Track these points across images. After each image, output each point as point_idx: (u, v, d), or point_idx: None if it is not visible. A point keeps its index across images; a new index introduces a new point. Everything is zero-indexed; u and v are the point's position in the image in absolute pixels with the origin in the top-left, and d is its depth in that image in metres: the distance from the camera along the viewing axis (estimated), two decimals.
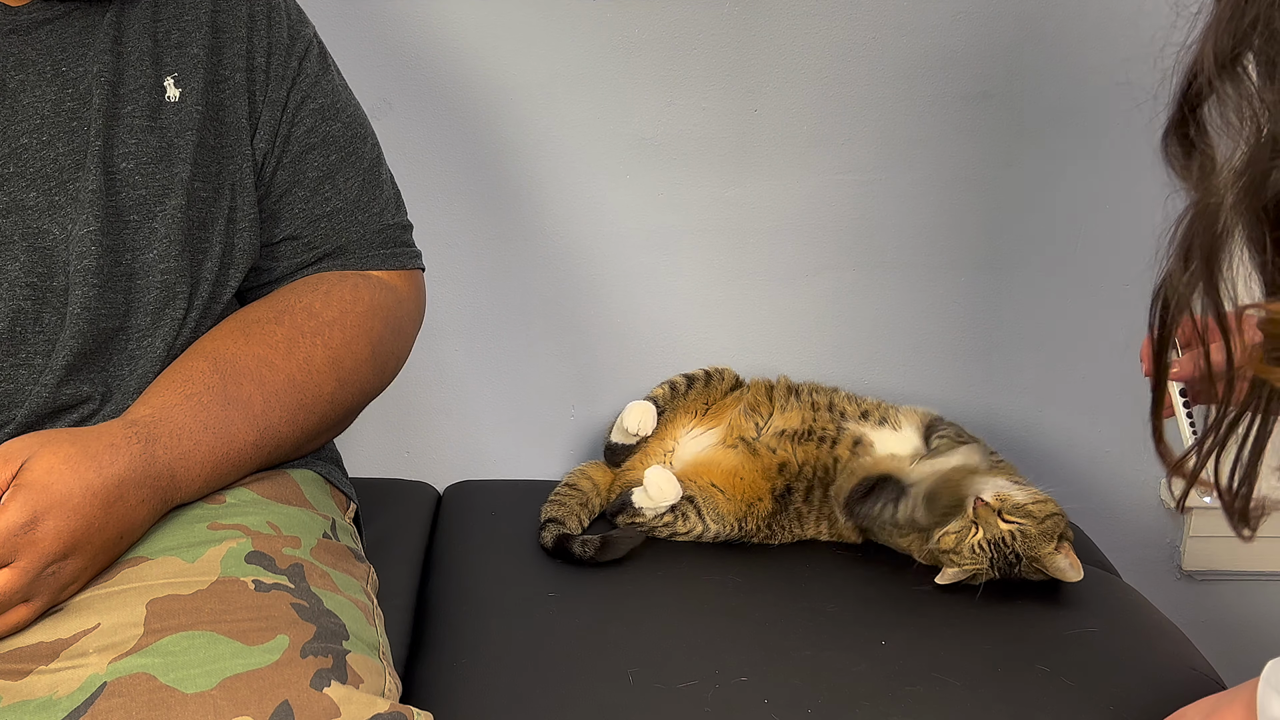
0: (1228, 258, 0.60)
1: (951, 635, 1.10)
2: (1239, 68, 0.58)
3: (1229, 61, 0.58)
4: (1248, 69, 0.58)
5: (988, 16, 1.41)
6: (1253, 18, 0.57)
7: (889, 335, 1.52)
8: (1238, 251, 0.60)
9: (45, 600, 0.80)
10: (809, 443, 1.28)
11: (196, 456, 0.88)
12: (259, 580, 0.84)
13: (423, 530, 1.36)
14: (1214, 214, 0.59)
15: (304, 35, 1.05)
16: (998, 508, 1.14)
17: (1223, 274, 0.61)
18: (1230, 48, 0.58)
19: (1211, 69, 0.58)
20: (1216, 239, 0.60)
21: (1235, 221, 0.59)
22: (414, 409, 1.51)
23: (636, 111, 1.42)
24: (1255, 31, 0.57)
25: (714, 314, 1.50)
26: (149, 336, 0.94)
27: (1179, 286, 0.63)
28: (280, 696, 0.75)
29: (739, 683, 1.01)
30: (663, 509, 1.25)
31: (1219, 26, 0.58)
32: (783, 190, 1.46)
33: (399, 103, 1.40)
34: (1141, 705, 0.99)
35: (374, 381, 1.05)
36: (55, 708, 0.74)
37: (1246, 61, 0.58)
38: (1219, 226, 0.59)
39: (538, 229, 1.46)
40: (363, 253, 1.07)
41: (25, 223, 0.89)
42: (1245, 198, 0.58)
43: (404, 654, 1.11)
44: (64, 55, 0.91)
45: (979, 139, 1.45)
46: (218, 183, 0.98)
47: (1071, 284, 1.50)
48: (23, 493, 0.78)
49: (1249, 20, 0.57)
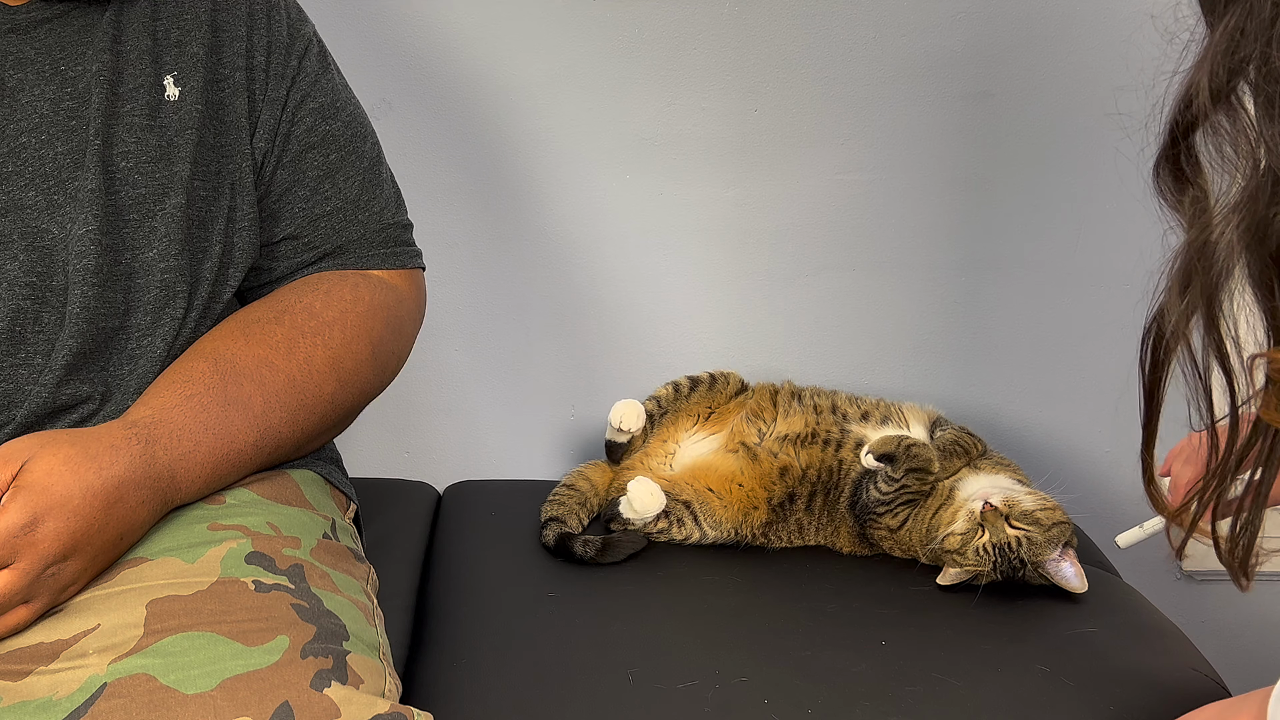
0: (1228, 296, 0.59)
1: (951, 635, 1.10)
2: (1234, 99, 0.57)
3: (1225, 93, 0.56)
4: (1243, 100, 0.57)
5: (988, 16, 1.41)
6: (1248, 52, 0.55)
7: (889, 335, 1.52)
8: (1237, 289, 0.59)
9: (45, 601, 0.80)
10: (812, 446, 1.28)
11: (197, 457, 0.88)
12: (259, 581, 0.84)
13: (423, 530, 1.36)
14: (1213, 251, 0.57)
15: (304, 34, 1.05)
16: (1006, 513, 1.14)
17: (1222, 312, 0.59)
18: (1226, 79, 0.56)
19: (1206, 101, 0.57)
20: (1217, 277, 0.58)
21: (1236, 260, 0.57)
22: (414, 409, 1.51)
23: (636, 111, 1.42)
24: (1252, 65, 0.55)
25: (714, 314, 1.50)
26: (149, 336, 0.94)
27: (1174, 323, 0.61)
28: (280, 697, 0.75)
29: (739, 683, 1.01)
30: (649, 519, 1.25)
31: (1214, 57, 0.56)
32: (783, 190, 1.46)
33: (399, 102, 1.40)
34: (1142, 706, 0.99)
35: (374, 381, 1.05)
36: (55, 708, 0.74)
37: (1242, 93, 0.57)
38: (1218, 265, 0.57)
39: (538, 229, 1.46)
40: (363, 252, 1.07)
41: (24, 222, 0.89)
42: (1246, 237, 0.56)
43: (404, 654, 1.11)
44: (63, 54, 0.91)
45: (979, 139, 1.45)
46: (217, 182, 0.98)
47: (1071, 284, 1.50)
48: (23, 494, 0.78)
49: (1244, 55, 0.55)
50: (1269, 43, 0.54)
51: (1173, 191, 0.60)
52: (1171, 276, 0.60)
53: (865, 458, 1.23)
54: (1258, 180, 0.55)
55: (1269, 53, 0.54)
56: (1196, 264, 0.58)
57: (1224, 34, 0.56)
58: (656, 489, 1.25)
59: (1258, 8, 0.54)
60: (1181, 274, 0.59)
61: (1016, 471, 1.25)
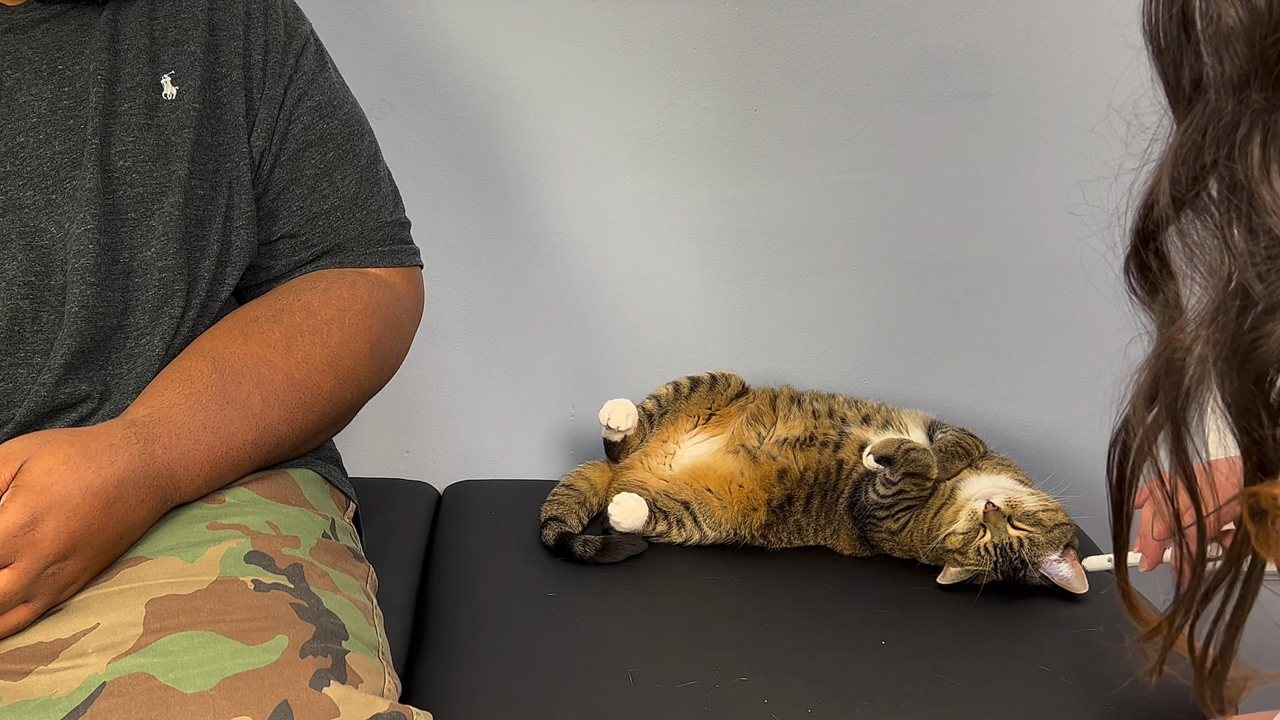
0: (1196, 413, 0.54)
1: (951, 635, 1.10)
2: (1202, 202, 0.52)
3: (1186, 200, 0.52)
4: (1210, 205, 0.52)
5: (988, 16, 1.40)
6: (1210, 158, 0.51)
7: (889, 335, 1.52)
8: (1207, 404, 0.54)
9: (45, 601, 0.80)
10: (810, 449, 1.27)
11: (196, 456, 0.88)
12: (258, 580, 0.84)
13: (423, 530, 1.36)
14: (1180, 365, 0.53)
15: (301, 32, 1.05)
16: (1008, 513, 1.14)
17: (1190, 431, 0.55)
18: (1187, 186, 0.52)
19: (1168, 207, 0.52)
20: (1184, 393, 0.53)
21: (1206, 378, 0.52)
22: (414, 409, 1.51)
23: (636, 111, 1.42)
24: (1213, 174, 0.51)
25: (714, 314, 1.50)
26: (147, 334, 0.94)
27: (1141, 439, 0.57)
28: (280, 696, 0.75)
29: (739, 683, 1.01)
30: (635, 530, 1.26)
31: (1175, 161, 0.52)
32: (783, 190, 1.46)
33: (399, 102, 1.40)
34: (1142, 706, 0.99)
35: (373, 379, 1.05)
36: (55, 708, 0.74)
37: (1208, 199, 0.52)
38: (1187, 379, 0.53)
39: (538, 229, 1.46)
40: (361, 250, 1.07)
41: (22, 221, 0.89)
42: (1220, 356, 0.51)
43: (404, 654, 1.11)
44: (60, 54, 0.91)
45: (979, 139, 1.45)
46: (215, 180, 0.98)
47: (1071, 284, 1.50)
48: (22, 494, 0.78)
49: (1206, 161, 0.51)
50: (1231, 151, 0.50)
51: (1143, 293, 0.57)
52: (1137, 388, 0.56)
53: (866, 459, 1.23)
54: (1225, 295, 0.51)
55: (1232, 163, 0.50)
56: (1164, 379, 0.54)
57: (1188, 133, 0.51)
58: (641, 503, 1.26)
59: (1221, 110, 0.50)
60: (1148, 388, 0.55)
61: (1018, 472, 1.25)
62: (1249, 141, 0.49)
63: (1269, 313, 0.49)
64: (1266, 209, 0.49)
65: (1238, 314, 0.50)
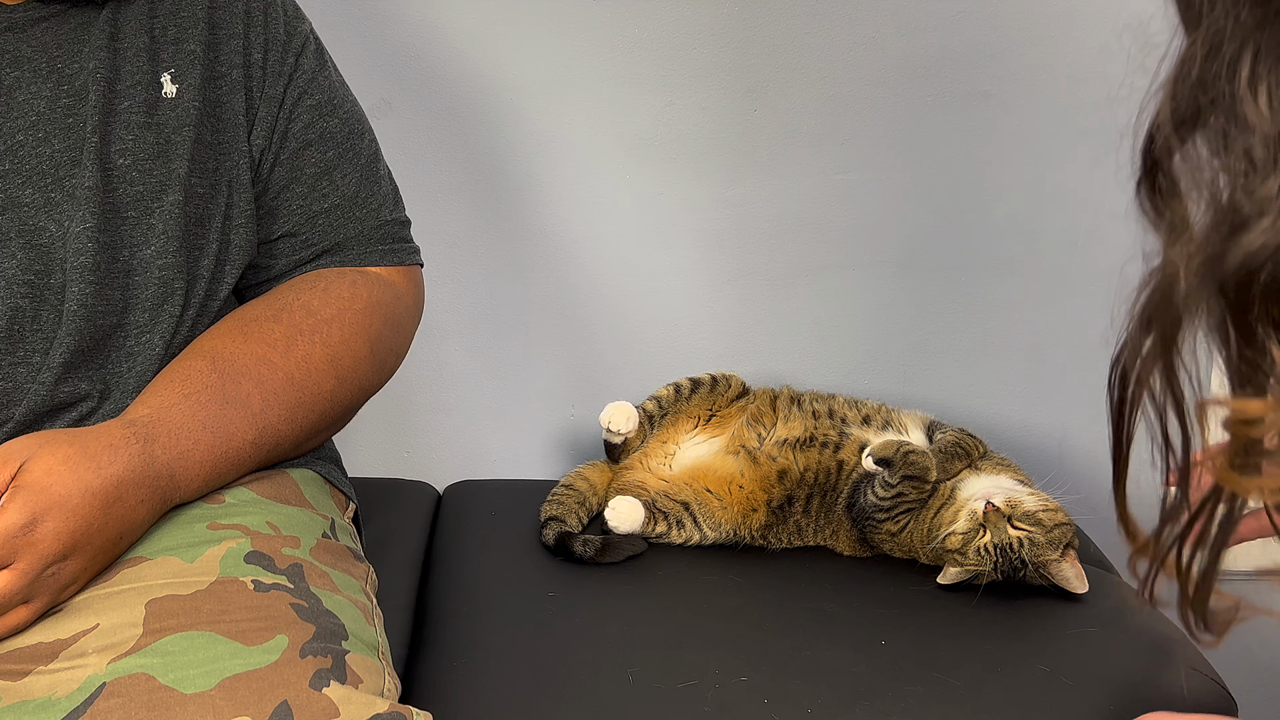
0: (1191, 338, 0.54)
1: (951, 635, 1.10)
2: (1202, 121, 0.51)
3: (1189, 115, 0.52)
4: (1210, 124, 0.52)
5: (988, 16, 1.40)
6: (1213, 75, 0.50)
7: (889, 335, 1.52)
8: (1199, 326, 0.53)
9: (45, 601, 0.80)
10: (810, 449, 1.27)
11: (196, 456, 0.88)
12: (258, 580, 0.84)
13: (422, 530, 1.36)
14: (1170, 284, 0.52)
15: (300, 31, 1.05)
16: (1008, 513, 1.14)
17: (1182, 356, 0.54)
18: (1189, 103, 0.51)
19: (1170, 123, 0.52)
20: (1175, 315, 0.52)
21: (1196, 297, 0.52)
22: (414, 409, 1.51)
23: (636, 111, 1.42)
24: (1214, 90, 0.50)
25: (714, 314, 1.50)
26: (147, 333, 0.94)
27: (1138, 360, 0.56)
28: (279, 696, 0.75)
29: (739, 683, 1.01)
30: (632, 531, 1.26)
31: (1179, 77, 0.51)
32: (783, 190, 1.46)
33: (399, 102, 1.40)
34: (1142, 705, 0.99)
35: (373, 378, 1.05)
36: (54, 708, 0.74)
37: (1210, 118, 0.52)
38: (1176, 300, 0.52)
39: (538, 229, 1.46)
40: (361, 249, 1.07)
41: (22, 220, 0.89)
42: (1205, 269, 0.51)
43: (404, 654, 1.11)
44: (60, 52, 0.91)
45: (979, 139, 1.44)
46: (215, 179, 0.98)
47: (1071, 284, 1.50)
48: (22, 494, 0.78)
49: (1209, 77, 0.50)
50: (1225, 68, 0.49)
51: (1153, 216, 0.56)
52: (1137, 306, 0.56)
53: (865, 460, 1.23)
54: (1218, 213, 0.51)
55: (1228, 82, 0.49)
56: (1157, 296, 0.54)
57: (1192, 49, 0.51)
58: (637, 506, 1.26)
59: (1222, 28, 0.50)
60: (1145, 305, 0.55)
61: (1018, 472, 1.25)
62: (1238, 60, 0.49)
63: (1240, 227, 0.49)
64: (1248, 126, 0.49)
65: (1225, 232, 0.50)
